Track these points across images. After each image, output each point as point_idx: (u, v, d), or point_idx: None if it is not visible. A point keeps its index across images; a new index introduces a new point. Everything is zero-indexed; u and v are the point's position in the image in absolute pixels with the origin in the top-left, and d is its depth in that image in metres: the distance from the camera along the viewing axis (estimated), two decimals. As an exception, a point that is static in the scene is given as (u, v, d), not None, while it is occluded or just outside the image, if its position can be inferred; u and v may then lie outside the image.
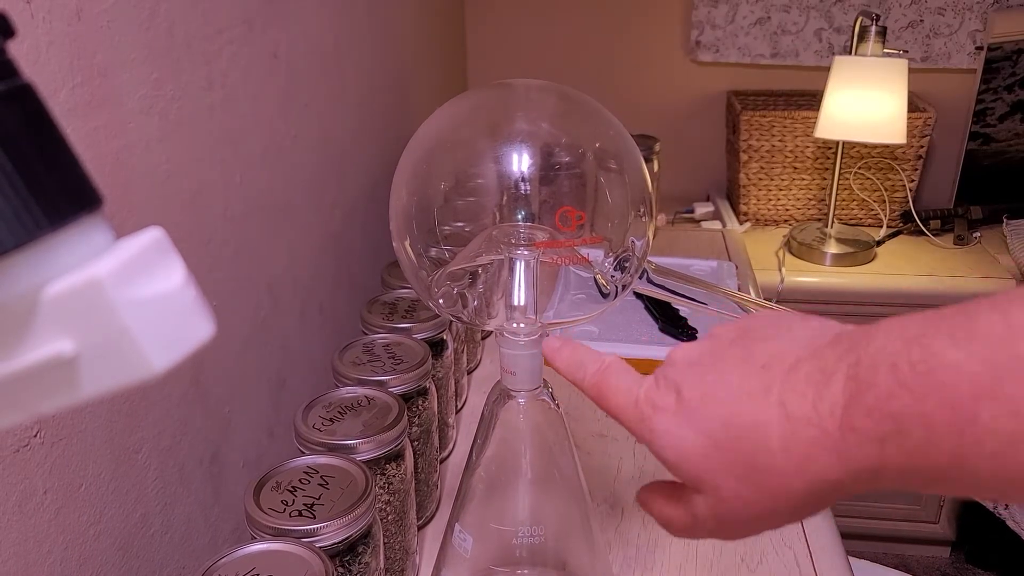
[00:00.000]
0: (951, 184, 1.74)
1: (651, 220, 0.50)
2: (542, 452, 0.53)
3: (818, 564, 0.64)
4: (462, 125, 0.52)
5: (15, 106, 0.21)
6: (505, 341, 0.50)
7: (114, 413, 0.52)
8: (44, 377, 0.22)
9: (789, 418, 0.30)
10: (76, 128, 0.47)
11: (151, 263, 0.22)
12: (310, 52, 0.82)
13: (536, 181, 0.47)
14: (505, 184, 0.47)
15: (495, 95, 0.53)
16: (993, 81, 1.65)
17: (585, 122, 0.51)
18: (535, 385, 0.51)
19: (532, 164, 0.47)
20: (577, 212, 0.48)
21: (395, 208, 0.50)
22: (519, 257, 0.48)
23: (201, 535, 0.64)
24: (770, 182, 1.65)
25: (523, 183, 0.47)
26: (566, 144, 0.49)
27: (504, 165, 0.47)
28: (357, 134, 0.97)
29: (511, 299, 0.49)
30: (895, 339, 0.27)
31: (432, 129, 0.51)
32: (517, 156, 0.47)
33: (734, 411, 0.31)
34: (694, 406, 0.33)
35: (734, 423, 0.31)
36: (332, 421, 0.58)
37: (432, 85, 1.41)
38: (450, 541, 0.54)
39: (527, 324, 0.49)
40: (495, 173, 0.48)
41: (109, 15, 0.50)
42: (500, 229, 0.48)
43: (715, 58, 1.72)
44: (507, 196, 0.47)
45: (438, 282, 0.50)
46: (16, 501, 0.44)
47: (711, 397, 0.32)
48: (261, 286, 0.72)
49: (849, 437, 0.28)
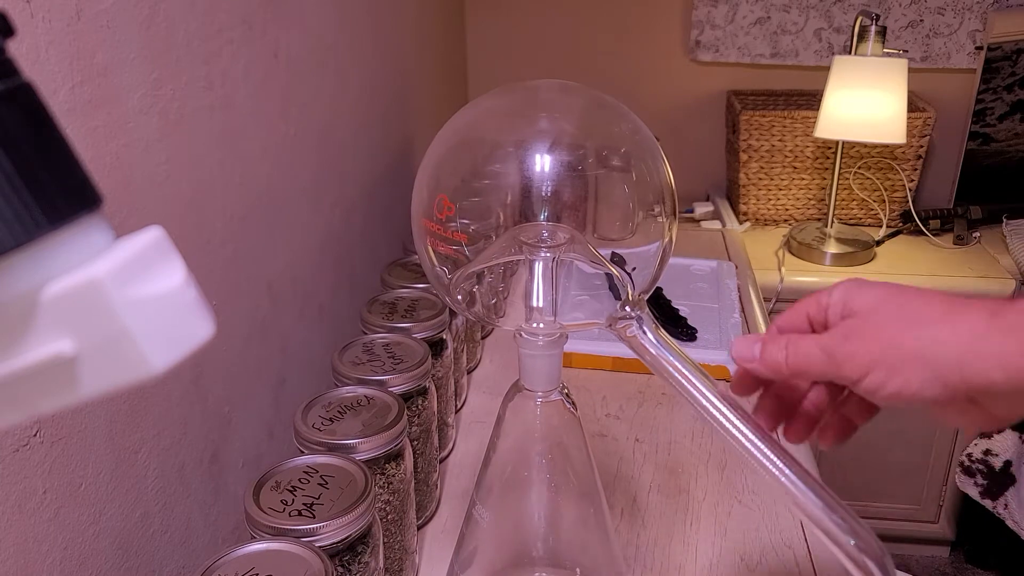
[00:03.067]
0: (951, 184, 1.74)
1: (672, 221, 0.50)
2: (557, 453, 0.53)
3: (818, 564, 0.64)
4: (485, 124, 0.51)
5: (15, 106, 0.21)
6: (524, 342, 0.50)
7: (114, 413, 0.52)
8: (44, 377, 0.22)
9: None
10: (76, 128, 0.47)
11: (151, 263, 0.22)
12: (310, 52, 0.82)
13: (557, 182, 0.47)
14: (526, 184, 0.47)
15: (518, 95, 0.53)
16: (993, 81, 1.65)
17: (611, 124, 0.51)
18: (552, 386, 0.51)
19: (554, 165, 0.46)
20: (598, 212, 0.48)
21: (417, 207, 0.50)
22: (539, 258, 0.47)
23: (201, 535, 0.64)
24: (770, 182, 1.65)
25: (544, 184, 0.47)
26: (589, 146, 0.49)
27: (525, 165, 0.47)
28: (357, 134, 0.97)
29: (530, 300, 0.48)
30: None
31: (455, 128, 0.51)
32: (539, 156, 0.46)
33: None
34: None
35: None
36: (332, 421, 0.58)
37: (432, 85, 1.41)
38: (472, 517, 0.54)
39: (546, 325, 0.49)
40: (517, 173, 0.47)
41: (109, 15, 0.50)
42: (521, 229, 0.48)
43: (715, 58, 1.72)
44: (528, 197, 0.47)
45: (457, 282, 0.49)
46: (16, 501, 0.44)
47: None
48: (261, 286, 0.72)
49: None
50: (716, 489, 0.72)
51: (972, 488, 1.55)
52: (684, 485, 0.73)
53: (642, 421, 0.82)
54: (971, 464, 1.55)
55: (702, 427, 0.81)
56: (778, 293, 1.49)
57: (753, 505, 0.70)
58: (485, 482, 0.53)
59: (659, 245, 0.49)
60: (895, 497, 1.63)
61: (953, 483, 1.59)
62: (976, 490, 1.54)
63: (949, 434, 1.58)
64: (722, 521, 0.69)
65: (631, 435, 0.79)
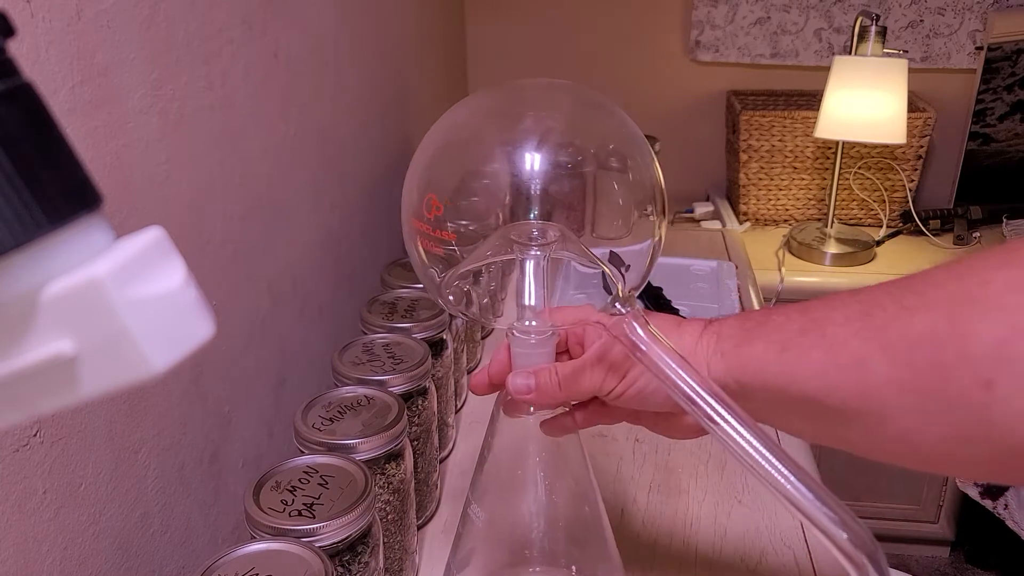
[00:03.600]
0: (951, 184, 1.74)
1: (663, 219, 0.50)
2: (552, 451, 0.53)
3: (818, 564, 0.64)
4: (473, 124, 0.52)
5: (15, 106, 0.21)
6: (516, 340, 0.50)
7: (114, 413, 0.52)
8: (44, 377, 0.22)
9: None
10: (76, 128, 0.47)
11: (151, 263, 0.22)
12: (310, 52, 0.82)
13: (546, 180, 0.47)
14: (515, 183, 0.47)
15: (506, 94, 0.53)
16: (993, 81, 1.65)
17: (599, 122, 0.51)
18: None
19: (543, 163, 0.46)
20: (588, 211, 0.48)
21: (407, 207, 0.50)
22: (530, 256, 0.48)
23: (201, 535, 0.64)
24: (770, 182, 1.65)
25: (533, 182, 0.47)
26: (578, 144, 0.49)
27: (514, 164, 0.47)
28: (357, 134, 0.97)
29: (522, 298, 0.49)
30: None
31: (443, 128, 0.51)
32: (528, 155, 0.46)
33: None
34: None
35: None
36: (332, 421, 0.58)
37: (432, 85, 1.41)
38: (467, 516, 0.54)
39: (538, 323, 0.49)
40: (506, 172, 0.47)
41: (109, 14, 0.50)
42: (511, 228, 0.48)
43: (715, 58, 1.72)
44: (517, 195, 0.47)
45: (449, 281, 0.49)
46: (16, 501, 0.44)
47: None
48: (261, 286, 0.72)
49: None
50: (716, 489, 0.72)
51: (972, 488, 1.55)
52: (684, 485, 0.73)
53: (642, 421, 0.82)
54: (971, 464, 1.55)
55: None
56: (778, 293, 1.49)
57: (753, 505, 0.70)
58: (480, 481, 0.53)
59: (649, 244, 0.49)
60: (895, 497, 1.63)
61: (953, 483, 1.59)
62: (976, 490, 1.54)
63: (949, 434, 1.58)
64: (722, 521, 0.69)
65: (631, 435, 0.79)
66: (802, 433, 0.48)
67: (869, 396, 0.39)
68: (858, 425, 0.40)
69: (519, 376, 0.50)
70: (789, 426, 0.47)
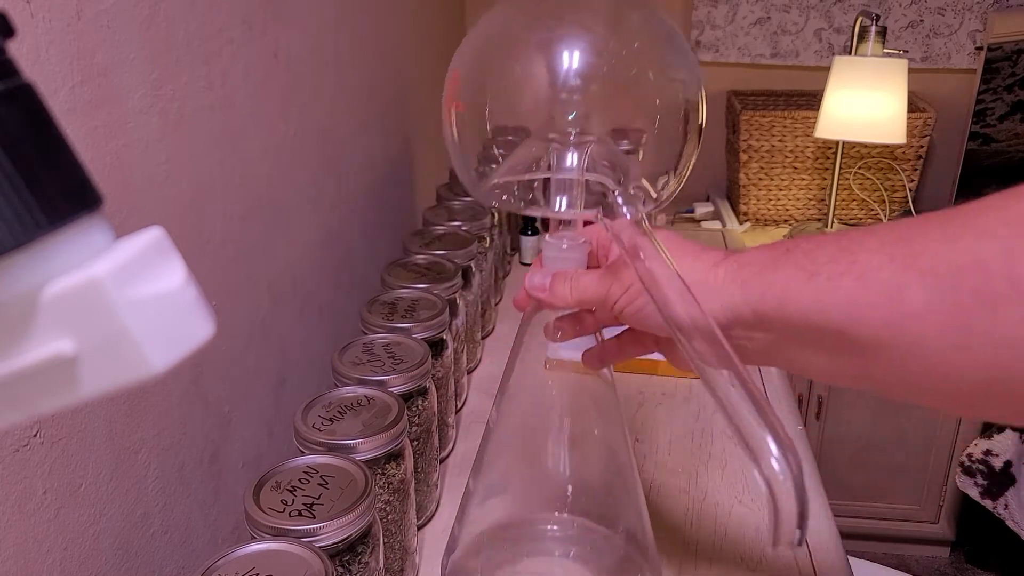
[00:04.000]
0: (951, 184, 1.74)
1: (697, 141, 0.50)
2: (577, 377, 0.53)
3: (818, 564, 0.64)
4: (512, 25, 0.50)
5: (15, 106, 0.21)
6: (547, 244, 0.50)
7: (114, 413, 0.52)
8: (44, 377, 0.22)
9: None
10: (76, 128, 0.47)
11: (151, 263, 0.22)
12: (310, 52, 0.82)
13: (584, 79, 0.46)
14: (555, 86, 0.46)
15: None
16: (993, 81, 1.65)
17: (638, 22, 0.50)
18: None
19: (580, 62, 0.45)
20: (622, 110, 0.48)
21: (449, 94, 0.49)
22: (564, 154, 0.47)
23: (201, 535, 0.64)
24: (770, 182, 1.65)
25: (572, 83, 0.46)
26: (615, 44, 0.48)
27: (552, 63, 0.46)
28: (357, 134, 0.97)
29: (554, 200, 0.48)
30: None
31: (482, 31, 0.50)
32: (568, 56, 0.45)
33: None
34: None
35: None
36: (332, 421, 0.58)
37: (432, 85, 1.41)
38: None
39: (572, 225, 0.49)
40: (544, 75, 0.47)
41: (109, 15, 0.50)
42: (548, 127, 0.47)
43: (715, 58, 1.72)
44: (557, 98, 0.46)
45: (488, 179, 0.49)
46: (16, 501, 0.44)
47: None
48: (261, 286, 0.72)
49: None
50: (716, 489, 0.72)
51: (972, 488, 1.55)
52: (684, 485, 0.73)
53: (642, 421, 0.82)
54: (971, 464, 1.55)
55: (702, 428, 0.81)
56: (778, 293, 1.49)
57: (753, 505, 0.70)
58: (507, 393, 0.53)
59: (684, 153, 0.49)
60: (895, 497, 1.63)
61: (953, 483, 1.59)
62: (976, 490, 1.54)
63: (949, 434, 1.58)
64: (722, 521, 0.69)
65: (631, 435, 0.79)
66: (817, 370, 0.43)
67: (902, 328, 0.35)
68: (884, 359, 0.37)
69: (537, 274, 0.50)
70: (805, 361, 0.43)
